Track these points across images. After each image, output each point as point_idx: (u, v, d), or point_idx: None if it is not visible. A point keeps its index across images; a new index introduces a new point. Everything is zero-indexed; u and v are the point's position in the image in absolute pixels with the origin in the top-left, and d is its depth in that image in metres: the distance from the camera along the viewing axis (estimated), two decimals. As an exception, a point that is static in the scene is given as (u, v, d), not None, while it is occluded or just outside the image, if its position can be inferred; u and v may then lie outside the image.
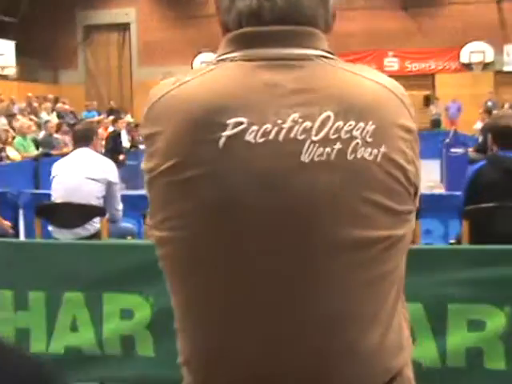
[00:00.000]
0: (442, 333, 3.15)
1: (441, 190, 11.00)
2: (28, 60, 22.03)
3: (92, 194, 4.67)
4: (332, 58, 1.13)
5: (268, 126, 1.04)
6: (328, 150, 1.04)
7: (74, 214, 4.63)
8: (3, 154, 11.11)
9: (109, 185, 4.78)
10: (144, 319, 3.41)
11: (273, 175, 1.04)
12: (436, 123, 19.91)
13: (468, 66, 21.79)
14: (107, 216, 4.63)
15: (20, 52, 20.03)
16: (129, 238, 4.92)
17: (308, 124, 1.04)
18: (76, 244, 3.89)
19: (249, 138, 1.04)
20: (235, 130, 1.04)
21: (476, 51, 21.37)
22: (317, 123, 1.04)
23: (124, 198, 5.14)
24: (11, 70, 19.51)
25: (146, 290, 3.40)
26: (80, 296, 3.51)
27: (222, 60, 1.13)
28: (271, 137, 1.04)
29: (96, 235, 4.61)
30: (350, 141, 1.04)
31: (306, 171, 1.03)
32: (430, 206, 5.36)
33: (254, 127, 1.04)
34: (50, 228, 4.78)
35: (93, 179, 4.70)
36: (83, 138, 4.91)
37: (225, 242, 1.07)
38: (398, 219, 1.10)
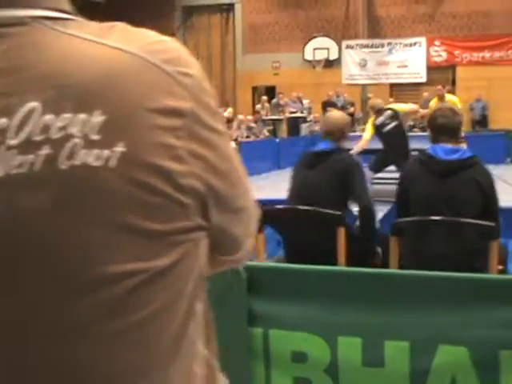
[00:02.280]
0: (491, 384, 2.93)
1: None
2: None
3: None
4: (65, 19, 0.89)
5: None
6: (31, 157, 0.82)
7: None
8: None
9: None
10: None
11: None
12: None
13: None
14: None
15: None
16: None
17: (3, 122, 0.81)
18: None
19: None
20: None
21: None
22: (16, 120, 0.81)
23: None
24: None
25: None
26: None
27: None
28: None
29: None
30: (63, 142, 0.82)
31: (1, 190, 0.82)
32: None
33: None
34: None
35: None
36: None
37: None
38: (159, 243, 0.88)
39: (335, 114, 5.22)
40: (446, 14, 22.36)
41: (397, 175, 7.12)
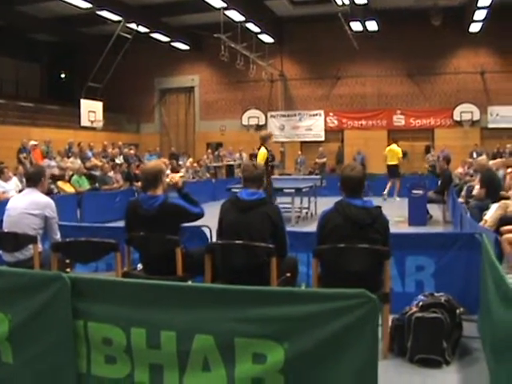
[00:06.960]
0: (230, 363, 2.81)
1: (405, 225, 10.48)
2: (116, 116, 22.61)
3: (30, 226, 4.53)
4: None
5: None
6: None
7: (14, 241, 4.54)
8: (53, 188, 11.00)
9: (46, 219, 4.63)
10: (4, 332, 3.29)
11: None
12: (433, 168, 19.15)
13: (459, 123, 20.95)
14: (39, 243, 4.57)
15: (109, 110, 20.42)
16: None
17: None
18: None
19: None
20: None
21: (465, 111, 20.65)
22: None
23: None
24: (99, 124, 19.78)
25: (7, 309, 3.28)
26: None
27: None
28: None
29: (32, 259, 4.52)
30: None
31: None
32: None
33: None
34: (0, 252, 4.73)
35: (31, 214, 4.57)
36: (32, 179, 4.76)
37: None
38: None
39: (151, 163, 4.77)
40: (337, 95, 22.67)
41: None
